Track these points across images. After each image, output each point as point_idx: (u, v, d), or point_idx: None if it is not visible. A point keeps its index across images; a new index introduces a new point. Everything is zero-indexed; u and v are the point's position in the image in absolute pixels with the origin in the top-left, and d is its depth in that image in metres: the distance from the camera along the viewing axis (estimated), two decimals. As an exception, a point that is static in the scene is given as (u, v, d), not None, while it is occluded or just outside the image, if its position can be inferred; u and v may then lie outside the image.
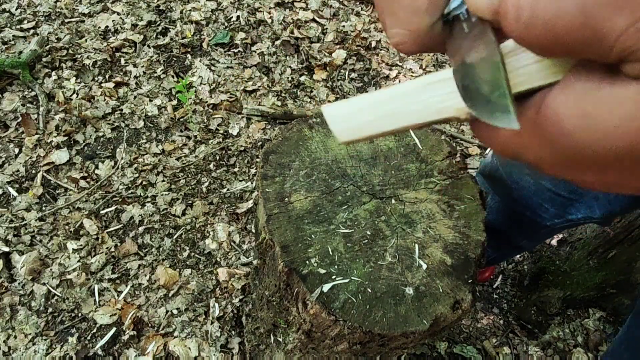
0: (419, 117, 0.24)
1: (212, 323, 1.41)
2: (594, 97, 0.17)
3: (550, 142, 0.19)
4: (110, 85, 1.91)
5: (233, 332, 1.40)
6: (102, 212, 1.60)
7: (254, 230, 1.62)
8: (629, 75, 0.17)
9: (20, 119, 1.74)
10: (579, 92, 0.18)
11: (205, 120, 1.88)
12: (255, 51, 2.15)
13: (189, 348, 1.35)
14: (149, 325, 1.40)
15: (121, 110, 1.86)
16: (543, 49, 0.18)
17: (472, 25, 0.22)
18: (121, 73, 1.97)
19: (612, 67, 0.17)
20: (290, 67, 2.13)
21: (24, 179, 1.64)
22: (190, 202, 1.66)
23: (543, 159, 0.20)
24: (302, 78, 2.10)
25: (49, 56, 1.94)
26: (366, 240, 0.75)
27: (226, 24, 2.23)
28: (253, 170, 1.78)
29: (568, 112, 0.18)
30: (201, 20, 2.20)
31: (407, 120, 0.25)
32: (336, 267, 0.71)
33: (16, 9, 2.09)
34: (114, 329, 1.38)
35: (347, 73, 2.18)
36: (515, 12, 0.18)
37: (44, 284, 1.43)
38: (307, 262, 0.71)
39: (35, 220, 1.54)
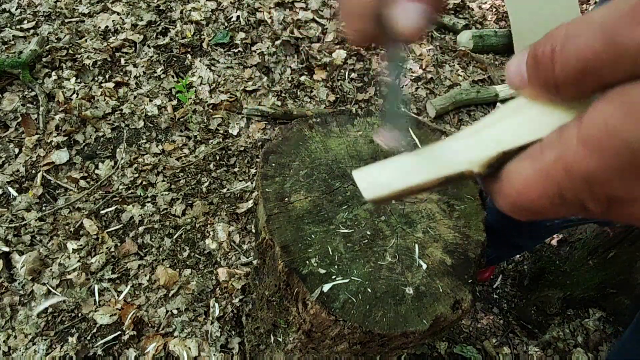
0: (437, 172, 0.26)
1: (212, 323, 1.41)
2: (638, 91, 0.17)
3: (601, 150, 0.18)
4: (110, 85, 1.91)
5: (233, 332, 1.40)
6: (102, 212, 1.60)
7: (254, 230, 1.62)
8: None
9: (20, 119, 1.74)
10: (623, 94, 0.18)
11: (205, 120, 1.88)
12: (255, 51, 2.15)
13: (189, 348, 1.35)
14: (149, 325, 1.40)
15: (121, 110, 1.86)
16: (576, 83, 0.19)
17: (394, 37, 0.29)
18: (121, 73, 1.97)
19: None
20: (290, 67, 2.13)
21: (24, 179, 1.64)
22: (190, 202, 1.66)
23: (597, 173, 0.19)
24: (302, 78, 2.10)
25: (49, 56, 1.94)
26: (366, 240, 0.75)
27: (226, 24, 2.23)
28: (253, 170, 1.78)
29: (616, 112, 0.18)
30: (201, 20, 2.20)
31: (425, 176, 0.26)
32: (336, 267, 0.71)
33: (16, 9, 2.09)
34: (114, 328, 1.38)
35: (347, 73, 2.18)
36: (549, 54, 0.19)
37: (44, 284, 1.43)
38: (307, 262, 0.71)
39: (35, 220, 1.54)
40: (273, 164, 0.82)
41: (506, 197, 0.23)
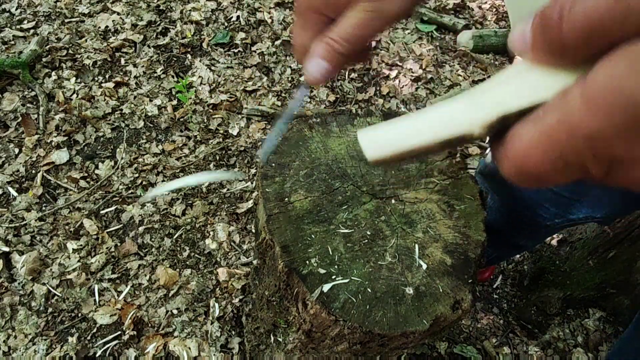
0: (439, 134, 0.26)
1: (212, 323, 1.41)
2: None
3: (605, 107, 0.18)
4: (110, 85, 1.91)
5: (233, 332, 1.40)
6: (102, 212, 1.60)
7: (254, 230, 1.62)
8: None
9: (20, 119, 1.74)
10: (629, 51, 0.18)
11: (205, 120, 1.88)
12: (255, 51, 2.15)
13: (189, 348, 1.35)
14: (149, 325, 1.40)
15: (121, 110, 1.86)
16: (586, 43, 0.20)
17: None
18: (121, 73, 1.97)
19: None
20: (290, 67, 2.13)
21: (24, 179, 1.64)
22: (190, 202, 1.66)
23: (601, 131, 0.19)
24: (302, 78, 2.10)
25: (49, 56, 1.94)
26: (366, 240, 0.75)
27: (226, 24, 2.23)
28: (253, 170, 1.78)
29: (621, 68, 0.18)
30: (201, 20, 2.20)
31: (427, 137, 0.27)
32: (336, 267, 0.71)
33: (16, 9, 2.09)
34: (114, 328, 1.38)
35: (347, 73, 2.18)
36: (559, 14, 0.20)
37: (44, 284, 1.43)
38: (307, 262, 0.71)
39: (35, 220, 1.54)
40: (273, 164, 0.82)
41: (510, 161, 0.23)
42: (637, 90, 0.17)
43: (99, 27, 2.09)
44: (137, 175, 1.69)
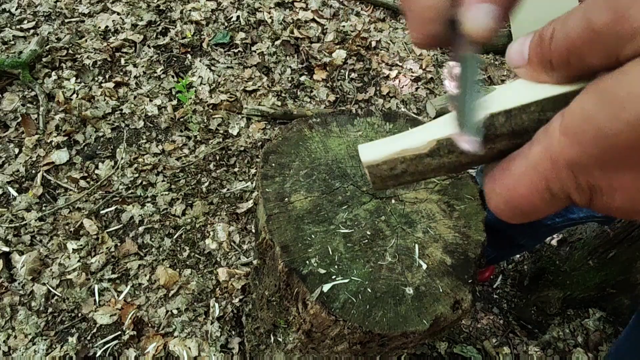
0: (430, 136, 0.27)
1: (212, 323, 1.41)
2: (616, 84, 0.18)
3: (580, 138, 0.19)
4: (110, 85, 1.91)
5: (233, 332, 1.40)
6: (102, 212, 1.60)
7: (254, 230, 1.62)
8: None
9: (20, 119, 1.74)
10: (598, 84, 0.19)
11: (205, 120, 1.88)
12: (255, 51, 2.15)
13: (189, 348, 1.35)
14: (149, 325, 1.40)
15: (121, 110, 1.86)
16: (566, 62, 0.21)
17: (465, 39, 0.27)
18: (121, 73, 1.97)
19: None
20: (290, 67, 2.13)
21: (24, 179, 1.64)
22: (190, 202, 1.66)
23: (579, 161, 0.20)
24: (302, 78, 2.10)
25: (49, 56, 1.94)
26: (366, 240, 0.75)
27: (226, 24, 2.23)
28: (253, 170, 1.78)
29: (591, 101, 0.19)
30: (201, 20, 2.20)
31: (418, 140, 0.27)
32: (336, 267, 0.71)
33: (16, 9, 2.09)
34: (114, 328, 1.38)
35: (347, 73, 2.18)
36: (545, 37, 0.21)
37: (44, 284, 1.43)
38: (307, 262, 0.71)
39: (35, 220, 1.54)
40: (273, 164, 0.82)
41: (499, 196, 0.24)
42: (605, 123, 0.18)
43: (99, 27, 2.09)
44: (137, 175, 1.69)
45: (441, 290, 0.71)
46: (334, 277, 0.70)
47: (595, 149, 0.19)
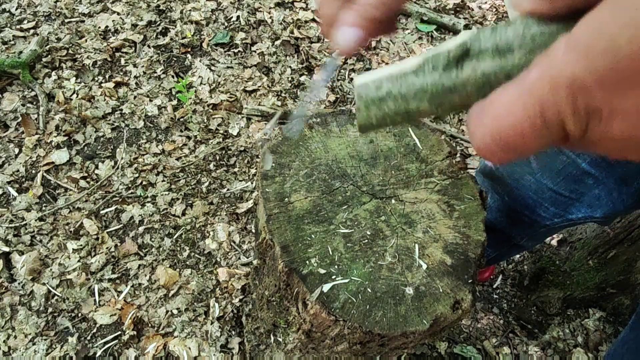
0: (421, 55, 0.27)
1: (212, 323, 1.41)
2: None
3: (588, 50, 0.18)
4: (110, 85, 1.91)
5: (233, 332, 1.40)
6: (102, 212, 1.60)
7: (254, 230, 1.62)
8: None
9: (20, 119, 1.74)
10: (609, 1, 0.18)
11: (205, 120, 1.88)
12: (255, 51, 2.15)
13: (189, 348, 1.35)
14: (149, 325, 1.40)
15: (121, 110, 1.86)
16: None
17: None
18: (121, 73, 1.97)
19: None
20: (290, 67, 2.13)
21: (24, 179, 1.64)
22: (190, 202, 1.66)
23: (581, 78, 0.19)
24: (302, 78, 2.10)
25: (49, 56, 1.94)
26: (366, 240, 0.75)
27: (226, 24, 2.23)
28: (253, 170, 1.78)
29: (605, 14, 0.18)
30: (201, 20, 2.20)
31: (411, 62, 0.27)
32: (336, 267, 0.71)
33: (16, 9, 2.09)
34: (114, 328, 1.38)
35: (347, 73, 2.18)
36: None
37: (44, 284, 1.43)
38: (307, 262, 0.71)
39: (35, 220, 1.54)
40: (273, 164, 0.82)
41: (484, 127, 0.23)
42: (619, 33, 0.17)
43: (99, 27, 2.09)
44: (137, 175, 1.69)
45: (441, 290, 0.71)
46: (334, 277, 0.70)
47: (604, 62, 0.18)
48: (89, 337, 1.36)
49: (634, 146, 0.20)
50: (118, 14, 2.16)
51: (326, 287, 0.69)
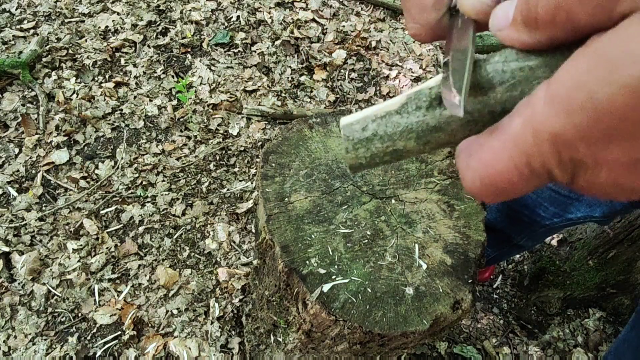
0: (405, 95, 0.27)
1: (212, 323, 1.41)
2: (609, 44, 0.17)
3: (567, 106, 0.18)
4: (110, 85, 1.91)
5: (233, 332, 1.40)
6: (102, 212, 1.60)
7: (254, 230, 1.62)
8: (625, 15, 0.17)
9: (20, 119, 1.74)
10: (590, 47, 0.18)
11: (205, 120, 1.88)
12: (255, 51, 2.15)
13: (189, 348, 1.35)
14: (149, 325, 1.40)
15: (121, 110, 1.86)
16: (552, 21, 0.20)
17: (463, 20, 0.27)
18: (121, 73, 1.97)
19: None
20: (290, 67, 2.13)
21: (24, 179, 1.64)
22: (190, 202, 1.66)
23: (563, 132, 0.18)
24: (302, 78, 2.10)
25: (49, 56, 1.94)
26: (366, 240, 0.75)
27: (226, 24, 2.23)
28: (253, 170, 1.78)
29: (582, 66, 0.18)
30: (201, 20, 2.20)
31: (394, 100, 0.27)
32: (336, 267, 0.71)
33: (16, 9, 2.09)
34: (114, 328, 1.38)
35: (347, 73, 2.18)
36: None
37: (44, 284, 1.43)
38: (307, 262, 0.71)
39: (35, 220, 1.54)
40: (273, 164, 0.82)
41: (475, 172, 0.23)
42: (597, 88, 0.17)
43: (99, 27, 2.09)
44: (137, 175, 1.69)
45: (441, 290, 0.71)
46: (334, 277, 0.70)
47: (584, 118, 0.17)
48: (89, 337, 1.36)
49: (622, 192, 0.20)
50: (118, 14, 2.16)
51: (326, 287, 0.69)
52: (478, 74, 0.24)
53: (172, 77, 1.99)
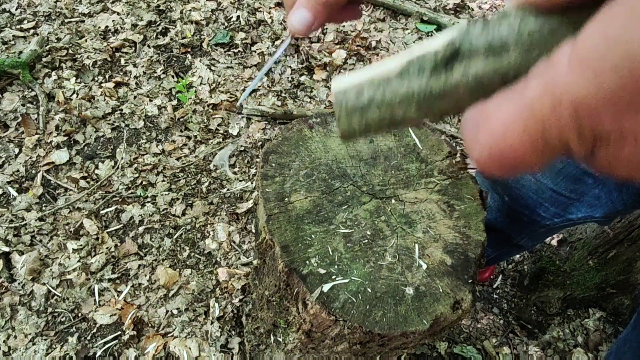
0: (405, 56, 0.24)
1: (212, 323, 1.41)
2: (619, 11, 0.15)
3: (598, 66, 0.16)
4: (110, 85, 1.91)
5: (233, 332, 1.40)
6: (102, 212, 1.60)
7: (254, 230, 1.62)
8: None
9: (20, 119, 1.74)
10: (623, 5, 0.16)
11: (205, 120, 1.88)
12: (255, 51, 2.15)
13: (189, 348, 1.35)
14: (149, 325, 1.40)
15: (121, 110, 1.86)
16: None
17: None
18: (121, 73, 1.97)
19: None
20: (290, 67, 2.13)
21: (24, 179, 1.64)
22: (190, 202, 1.66)
23: (588, 99, 0.16)
24: (302, 78, 2.10)
25: (49, 56, 1.94)
26: (366, 240, 0.75)
27: (226, 24, 2.23)
28: (253, 170, 1.78)
29: (616, 20, 0.16)
30: (201, 20, 2.20)
31: (392, 63, 0.25)
32: (336, 267, 0.71)
33: (16, 9, 2.09)
34: (114, 328, 1.38)
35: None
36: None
37: (44, 284, 1.43)
38: (307, 262, 0.71)
39: (35, 220, 1.54)
40: (273, 164, 0.82)
41: (482, 146, 0.21)
42: (636, 45, 0.15)
43: (99, 27, 2.09)
44: (137, 175, 1.69)
45: (441, 290, 0.71)
46: (334, 277, 0.70)
47: (616, 81, 0.15)
48: (89, 337, 1.36)
49: None
50: (118, 14, 2.16)
51: (326, 287, 0.69)
52: (491, 33, 0.21)
53: (172, 77, 1.99)
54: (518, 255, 1.72)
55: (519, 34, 0.20)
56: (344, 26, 2.35)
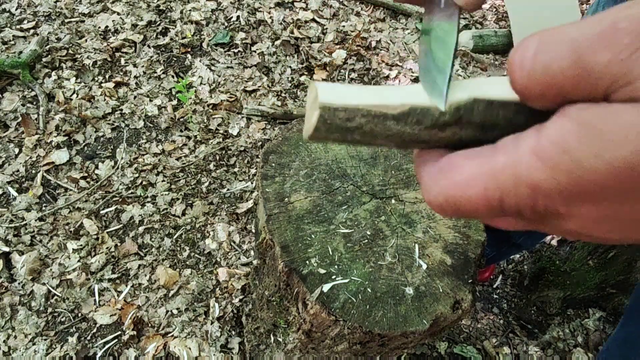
0: (403, 99, 0.25)
1: (212, 323, 1.41)
2: (602, 121, 0.18)
3: (554, 166, 0.18)
4: (110, 85, 1.91)
5: (233, 332, 1.40)
6: (102, 212, 1.60)
7: (254, 230, 1.62)
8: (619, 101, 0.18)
9: (20, 119, 1.74)
10: (582, 114, 0.18)
11: (205, 120, 1.88)
12: (255, 51, 2.15)
13: (189, 348, 1.35)
14: (149, 325, 1.40)
15: (121, 110, 1.86)
16: (541, 95, 0.20)
17: (447, 2, 0.27)
18: (121, 73, 1.97)
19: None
20: (290, 67, 2.13)
21: (24, 179, 1.64)
22: (190, 202, 1.66)
23: (545, 187, 0.19)
24: (302, 78, 2.10)
25: (49, 56, 1.94)
26: (366, 240, 0.75)
27: (226, 24, 2.23)
28: (253, 170, 1.78)
29: (573, 132, 0.18)
30: (201, 20, 2.20)
31: (388, 100, 0.25)
32: (336, 267, 0.71)
33: (16, 9, 2.09)
34: (114, 328, 1.38)
35: (347, 73, 2.18)
36: (520, 62, 0.20)
37: (44, 284, 1.43)
38: (307, 262, 0.71)
39: (35, 220, 1.54)
40: (273, 164, 0.82)
41: (441, 189, 0.23)
42: (585, 160, 0.17)
43: (99, 27, 2.09)
44: (137, 175, 1.69)
45: (441, 290, 0.71)
46: (334, 277, 0.70)
47: (567, 180, 0.18)
48: (89, 337, 1.36)
49: (586, 238, 0.21)
50: (118, 14, 2.16)
51: (326, 287, 0.69)
52: (489, 115, 0.23)
53: (172, 77, 1.99)
54: (518, 255, 1.72)
55: (509, 121, 0.23)
56: (343, 26, 2.35)
